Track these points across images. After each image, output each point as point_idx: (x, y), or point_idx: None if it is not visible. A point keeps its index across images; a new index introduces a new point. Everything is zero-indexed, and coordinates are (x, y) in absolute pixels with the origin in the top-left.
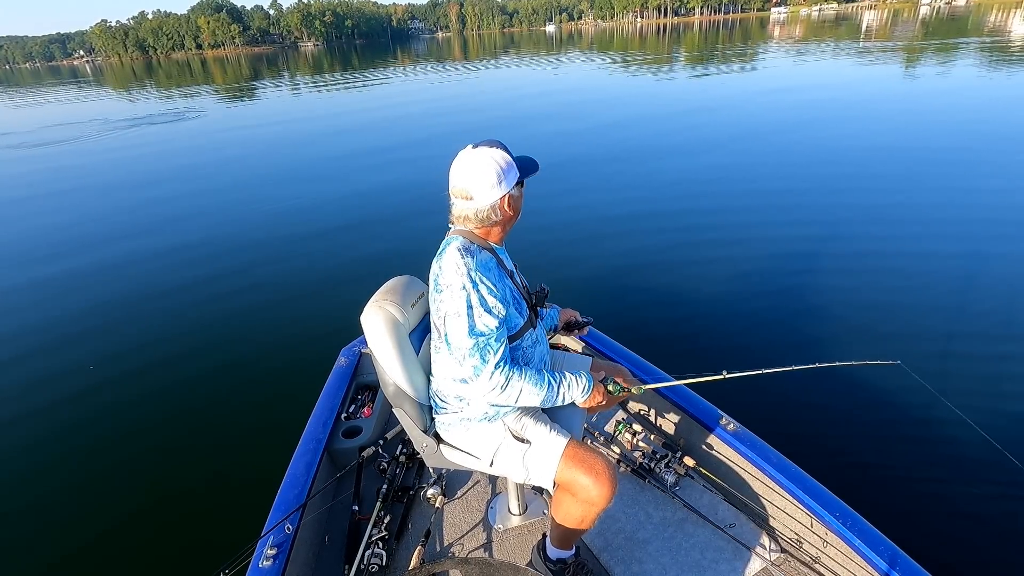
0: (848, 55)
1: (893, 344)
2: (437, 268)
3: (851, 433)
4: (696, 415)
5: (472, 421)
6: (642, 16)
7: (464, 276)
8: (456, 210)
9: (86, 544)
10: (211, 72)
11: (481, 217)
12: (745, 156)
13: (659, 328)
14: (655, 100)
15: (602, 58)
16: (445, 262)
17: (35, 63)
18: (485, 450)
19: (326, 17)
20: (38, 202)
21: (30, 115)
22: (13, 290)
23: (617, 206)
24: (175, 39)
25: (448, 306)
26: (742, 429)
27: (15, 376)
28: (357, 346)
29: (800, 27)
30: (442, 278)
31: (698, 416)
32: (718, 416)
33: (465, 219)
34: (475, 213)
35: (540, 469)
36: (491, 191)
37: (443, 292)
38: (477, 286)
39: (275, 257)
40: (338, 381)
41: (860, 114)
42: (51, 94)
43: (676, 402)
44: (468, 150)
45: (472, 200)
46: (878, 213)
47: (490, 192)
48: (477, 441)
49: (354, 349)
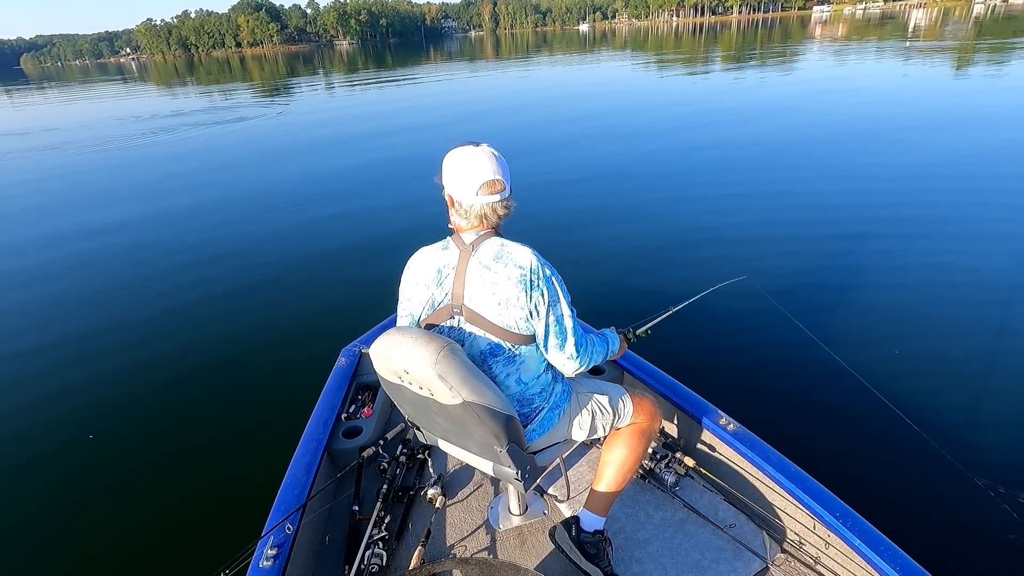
0: (896, 55)
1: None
2: (514, 270)
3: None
4: (696, 415)
5: (560, 404)
6: (678, 15)
7: (547, 266)
8: (479, 207)
9: (86, 544)
10: (249, 69)
11: (509, 207)
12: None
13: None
14: (683, 100)
15: (635, 57)
16: (522, 259)
17: (84, 60)
18: (577, 423)
19: (361, 16)
20: (38, 197)
21: (63, 112)
22: (11, 289)
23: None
24: (216, 37)
25: (550, 295)
26: (742, 429)
27: (15, 376)
28: (357, 346)
29: (843, 26)
30: (531, 275)
31: (698, 416)
32: (718, 416)
33: (484, 218)
34: (504, 204)
35: (621, 411)
36: (508, 182)
37: (536, 289)
38: (556, 272)
39: (275, 257)
40: (338, 381)
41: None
42: (93, 91)
43: (676, 402)
44: (473, 147)
45: (505, 190)
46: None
47: (509, 183)
48: (567, 420)
49: (354, 349)
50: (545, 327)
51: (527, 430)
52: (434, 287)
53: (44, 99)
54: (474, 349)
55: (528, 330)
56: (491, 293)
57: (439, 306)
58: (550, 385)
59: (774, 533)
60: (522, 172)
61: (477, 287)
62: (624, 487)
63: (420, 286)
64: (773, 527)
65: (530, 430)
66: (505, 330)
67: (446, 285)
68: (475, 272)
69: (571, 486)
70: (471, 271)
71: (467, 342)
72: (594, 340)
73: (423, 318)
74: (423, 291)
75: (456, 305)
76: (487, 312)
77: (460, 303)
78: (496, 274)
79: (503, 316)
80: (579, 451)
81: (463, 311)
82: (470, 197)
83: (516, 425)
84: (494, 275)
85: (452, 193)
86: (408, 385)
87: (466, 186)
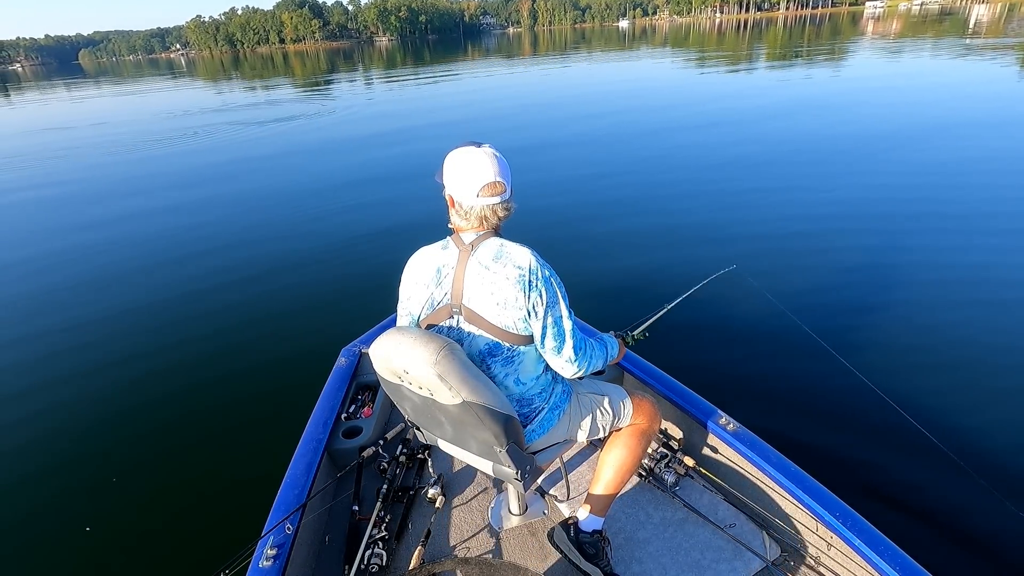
0: (952, 53)
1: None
2: (513, 270)
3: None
4: (696, 415)
5: (560, 405)
6: (721, 11)
7: (546, 267)
8: (479, 209)
9: (86, 544)
10: (292, 65)
11: (510, 209)
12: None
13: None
14: (720, 95)
15: (676, 55)
16: (521, 259)
17: (137, 56)
18: (577, 424)
19: (401, 13)
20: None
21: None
22: (9, 284)
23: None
24: (260, 34)
25: (548, 296)
26: (742, 429)
27: (14, 376)
28: (357, 346)
29: (898, 22)
30: (530, 276)
31: (698, 416)
32: (718, 416)
33: (484, 219)
34: (504, 206)
35: (621, 412)
36: (510, 184)
37: (535, 290)
38: (555, 274)
39: (275, 256)
40: (338, 381)
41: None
42: (141, 85)
43: (676, 402)
44: (475, 147)
45: (506, 192)
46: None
47: (510, 185)
48: (566, 421)
49: (354, 349)
50: (543, 328)
51: (527, 430)
52: (433, 287)
53: (99, 92)
54: (473, 349)
55: (526, 331)
56: (490, 293)
57: (438, 306)
58: (550, 385)
59: (774, 533)
60: (524, 168)
61: (476, 287)
62: (623, 488)
63: (419, 286)
64: (773, 527)
65: (530, 430)
66: (503, 330)
67: (445, 285)
68: (474, 272)
69: (571, 486)
70: (470, 271)
71: (466, 342)
72: (593, 344)
73: (422, 318)
74: (422, 291)
75: (455, 305)
76: (486, 312)
77: (459, 303)
78: (495, 274)
79: (502, 316)
80: (579, 451)
81: (462, 311)
82: (471, 199)
83: (515, 425)
84: (493, 275)
85: (452, 193)
86: (408, 385)
87: (467, 187)
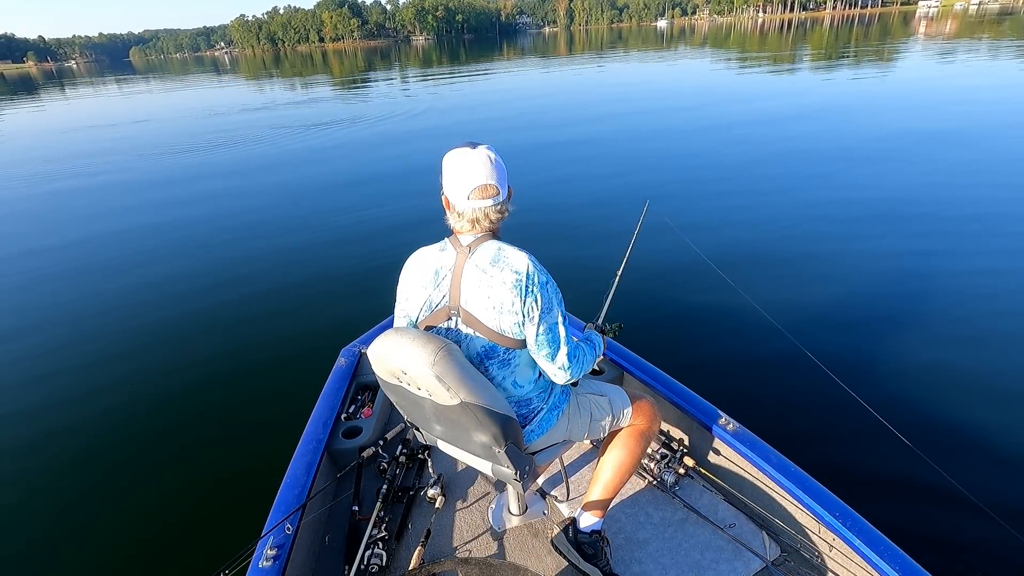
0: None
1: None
2: (510, 275)
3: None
4: (696, 415)
5: (559, 405)
6: (764, 11)
7: (544, 274)
8: (470, 211)
9: (85, 545)
10: (330, 63)
11: (504, 212)
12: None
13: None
14: (758, 102)
15: (714, 55)
16: (518, 264)
17: (183, 53)
18: (576, 424)
19: (438, 12)
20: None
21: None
22: (6, 279)
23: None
24: (301, 32)
25: (543, 302)
26: (742, 429)
27: (13, 376)
28: (357, 346)
29: (952, 23)
30: (526, 281)
31: (698, 416)
32: (718, 416)
33: (476, 222)
34: (497, 209)
35: (620, 412)
36: (505, 187)
37: (531, 295)
38: (552, 281)
39: (275, 256)
40: (338, 381)
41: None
42: (186, 83)
43: (676, 402)
44: (470, 148)
45: (499, 195)
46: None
47: (504, 188)
48: (565, 421)
49: (354, 349)
50: (536, 334)
51: (526, 431)
52: (431, 288)
53: (148, 88)
54: (471, 351)
55: (521, 335)
56: (486, 296)
57: (437, 308)
58: (548, 387)
59: (774, 533)
60: (521, 171)
61: (473, 290)
62: (622, 488)
63: (417, 287)
64: (773, 527)
65: (529, 431)
66: (499, 334)
67: (443, 287)
68: (471, 275)
69: (571, 486)
70: (467, 274)
71: (464, 344)
72: (585, 350)
73: (421, 319)
74: (420, 292)
75: (453, 307)
76: (482, 315)
77: (457, 305)
78: (492, 278)
79: (498, 320)
80: (579, 452)
81: (460, 313)
82: (462, 201)
83: (514, 426)
84: (490, 279)
85: (447, 195)
86: (406, 386)
87: (459, 189)
